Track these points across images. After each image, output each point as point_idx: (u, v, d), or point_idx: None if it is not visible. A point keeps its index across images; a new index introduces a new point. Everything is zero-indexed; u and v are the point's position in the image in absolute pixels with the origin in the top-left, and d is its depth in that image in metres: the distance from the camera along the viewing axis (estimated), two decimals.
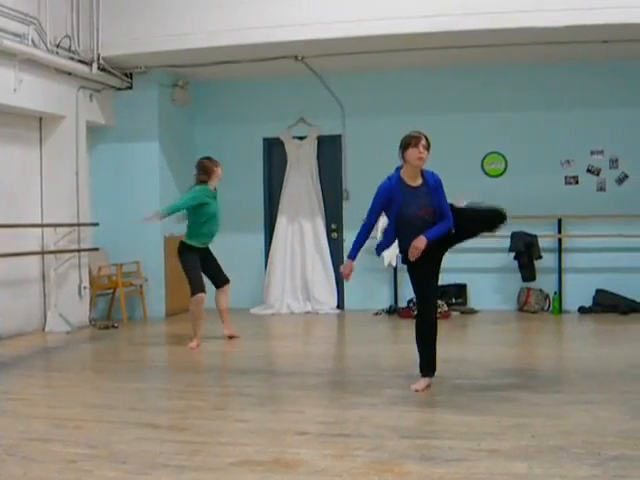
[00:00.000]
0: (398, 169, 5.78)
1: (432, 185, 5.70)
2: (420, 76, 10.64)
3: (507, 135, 10.51)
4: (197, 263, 8.04)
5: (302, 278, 10.85)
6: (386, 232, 5.83)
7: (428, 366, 5.71)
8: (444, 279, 10.48)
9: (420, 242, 5.50)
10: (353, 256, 5.68)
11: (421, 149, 5.65)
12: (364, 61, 9.95)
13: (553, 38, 8.74)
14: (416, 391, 5.60)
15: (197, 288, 7.96)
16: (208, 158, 8.29)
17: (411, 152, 5.64)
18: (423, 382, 5.68)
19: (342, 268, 5.77)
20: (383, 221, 6.21)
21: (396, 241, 5.50)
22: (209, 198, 8.12)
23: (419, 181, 5.71)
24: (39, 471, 3.96)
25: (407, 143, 5.68)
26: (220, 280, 8.40)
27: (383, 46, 9.18)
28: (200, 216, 8.01)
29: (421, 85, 10.70)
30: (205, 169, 8.15)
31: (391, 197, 5.61)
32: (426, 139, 5.73)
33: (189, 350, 7.68)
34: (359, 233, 5.70)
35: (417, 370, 5.77)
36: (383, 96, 10.73)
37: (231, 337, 8.43)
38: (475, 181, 10.55)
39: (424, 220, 5.60)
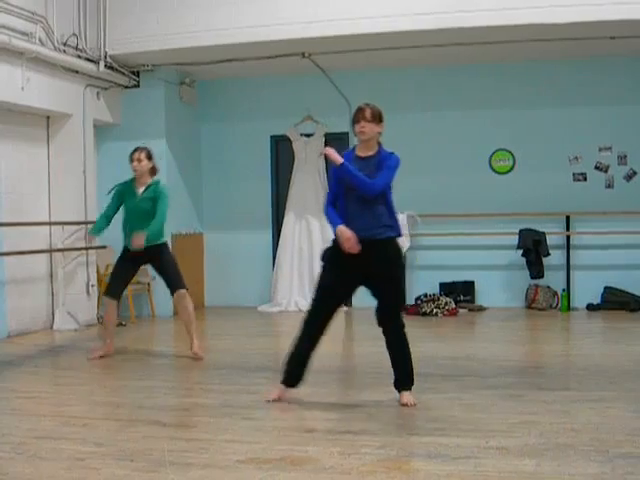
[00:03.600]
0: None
1: (383, 160, 5.22)
2: (427, 73, 10.62)
3: (515, 132, 10.49)
4: (120, 264, 7.27)
5: (309, 276, 10.83)
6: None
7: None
8: (452, 276, 10.63)
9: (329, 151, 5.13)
10: (340, 222, 5.12)
11: (362, 123, 5.14)
12: (371, 58, 9.93)
13: (561, 35, 8.71)
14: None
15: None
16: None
17: (355, 127, 5.19)
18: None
19: (345, 239, 5.07)
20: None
21: (405, 240, 5.22)
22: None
23: (370, 153, 5.24)
24: (47, 469, 3.96)
25: (352, 118, 5.23)
26: (170, 285, 7.33)
27: (390, 43, 9.16)
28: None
29: (428, 82, 10.68)
30: None
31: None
32: (372, 110, 5.18)
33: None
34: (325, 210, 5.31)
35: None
36: (390, 93, 10.69)
37: (195, 356, 7.16)
38: (483, 178, 10.54)
39: (361, 203, 5.14)
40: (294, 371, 5.35)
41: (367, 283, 5.26)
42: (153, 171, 7.32)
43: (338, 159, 5.11)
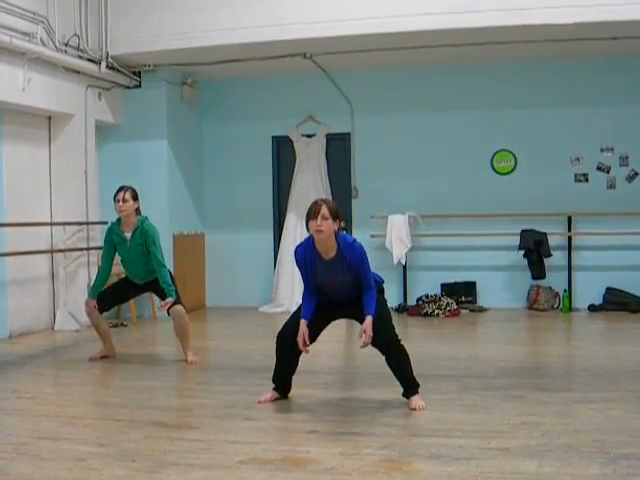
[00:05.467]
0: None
1: (348, 259, 5.09)
2: (429, 74, 10.62)
3: (517, 133, 10.49)
4: (123, 283, 7.27)
5: None
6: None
7: None
8: (454, 277, 10.63)
9: (368, 327, 5.04)
10: (306, 316, 5.22)
11: (319, 221, 4.99)
12: (373, 59, 9.93)
13: (563, 35, 8.72)
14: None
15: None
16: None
17: (310, 224, 5.06)
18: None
19: (301, 333, 5.17)
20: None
21: (406, 240, 5.13)
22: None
23: (332, 253, 5.13)
24: (48, 469, 3.96)
25: (307, 214, 5.12)
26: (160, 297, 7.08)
27: (392, 44, 9.16)
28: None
29: (430, 83, 10.68)
30: None
31: (306, 266, 5.20)
32: (329, 207, 5.03)
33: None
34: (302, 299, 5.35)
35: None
36: (392, 94, 10.72)
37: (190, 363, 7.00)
38: (484, 179, 10.55)
39: (338, 290, 5.23)
40: (280, 386, 5.50)
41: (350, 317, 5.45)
42: (138, 211, 6.94)
43: (371, 327, 5.05)
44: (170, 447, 4.31)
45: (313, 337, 5.33)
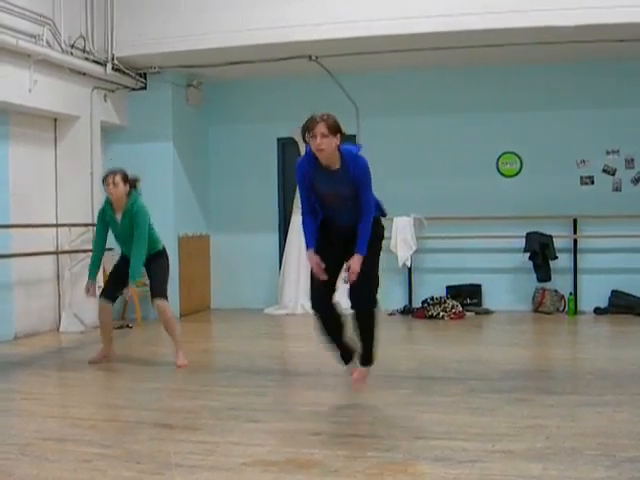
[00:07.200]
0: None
1: (353, 173, 5.09)
2: (434, 76, 10.61)
3: (522, 135, 10.47)
4: (117, 267, 7.13)
5: None
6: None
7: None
8: (459, 279, 10.61)
9: (356, 263, 5.00)
10: (311, 244, 5.15)
11: (318, 139, 4.97)
12: (378, 61, 9.93)
13: (569, 37, 8.69)
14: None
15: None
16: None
17: (311, 142, 5.03)
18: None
19: (314, 264, 5.13)
20: None
21: (411, 243, 5.10)
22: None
23: (335, 166, 5.09)
24: (53, 470, 3.96)
25: (303, 128, 5.08)
26: (151, 292, 7.10)
27: (397, 46, 9.16)
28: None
29: (435, 85, 10.67)
30: None
31: (307, 177, 5.15)
32: (328, 124, 5.03)
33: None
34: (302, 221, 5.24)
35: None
36: (397, 96, 10.71)
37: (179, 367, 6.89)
38: (490, 181, 10.53)
39: (339, 208, 5.15)
40: (346, 356, 5.42)
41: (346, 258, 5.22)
42: (129, 195, 6.87)
43: (359, 264, 5.00)
44: (175, 449, 4.31)
45: (331, 282, 5.22)
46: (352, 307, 5.23)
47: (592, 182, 10.32)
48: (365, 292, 5.18)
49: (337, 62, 9.86)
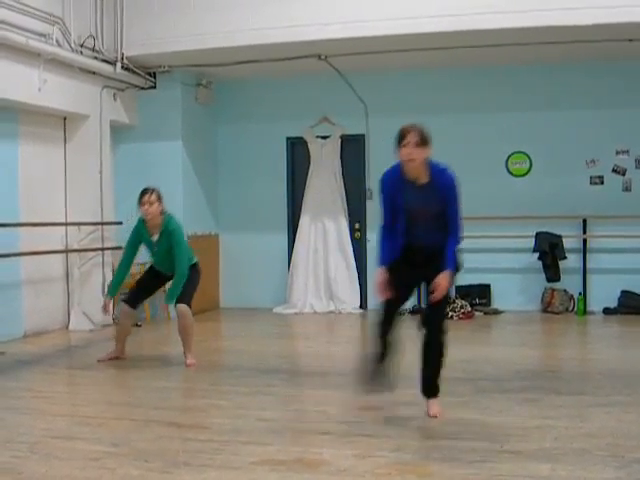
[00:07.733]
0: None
1: (442, 189, 4.94)
2: (444, 75, 10.59)
3: (532, 135, 10.44)
4: (147, 275, 7.23)
5: (325, 278, 10.85)
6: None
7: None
8: (468, 279, 10.59)
9: (444, 280, 4.83)
10: (383, 262, 4.94)
11: (409, 149, 4.79)
12: (387, 60, 9.91)
13: (578, 37, 8.66)
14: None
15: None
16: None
17: (401, 152, 4.85)
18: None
19: (378, 282, 4.91)
20: None
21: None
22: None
23: (423, 180, 4.89)
24: (62, 468, 3.98)
25: (396, 140, 4.90)
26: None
27: (406, 45, 9.14)
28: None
29: (445, 84, 10.65)
30: None
31: (394, 191, 4.94)
32: (420, 134, 4.86)
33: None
34: (381, 237, 5.01)
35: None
36: (407, 95, 10.69)
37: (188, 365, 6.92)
38: (499, 181, 10.51)
39: (425, 227, 4.95)
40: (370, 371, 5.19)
41: (424, 282, 5.08)
42: (162, 213, 6.83)
43: (447, 281, 4.85)
44: (183, 447, 4.32)
45: (402, 299, 5.06)
46: (425, 325, 5.07)
47: (602, 182, 10.29)
48: (441, 314, 5.09)
49: (346, 61, 9.86)
